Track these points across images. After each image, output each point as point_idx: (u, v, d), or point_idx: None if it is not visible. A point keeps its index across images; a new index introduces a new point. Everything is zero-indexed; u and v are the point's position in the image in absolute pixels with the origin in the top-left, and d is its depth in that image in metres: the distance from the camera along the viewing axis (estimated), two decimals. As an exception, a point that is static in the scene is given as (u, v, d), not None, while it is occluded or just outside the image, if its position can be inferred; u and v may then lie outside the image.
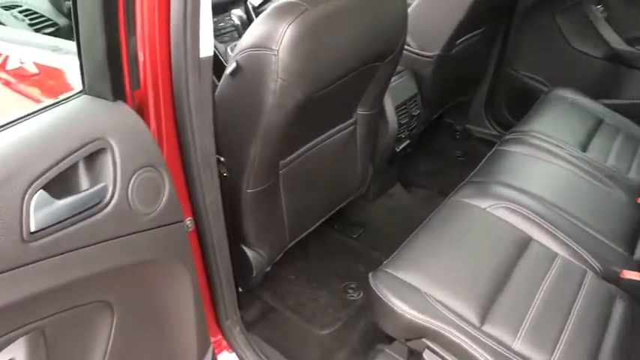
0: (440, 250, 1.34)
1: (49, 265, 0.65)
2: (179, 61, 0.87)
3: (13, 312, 0.62)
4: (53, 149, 0.65)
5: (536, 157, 1.74)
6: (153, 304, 0.85)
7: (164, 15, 0.82)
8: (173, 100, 0.91)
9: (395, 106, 1.83)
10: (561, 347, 1.13)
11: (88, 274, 0.69)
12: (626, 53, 2.18)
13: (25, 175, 0.62)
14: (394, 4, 1.37)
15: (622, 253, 1.41)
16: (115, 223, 0.72)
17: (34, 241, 0.64)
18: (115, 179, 0.71)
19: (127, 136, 0.73)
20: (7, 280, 0.61)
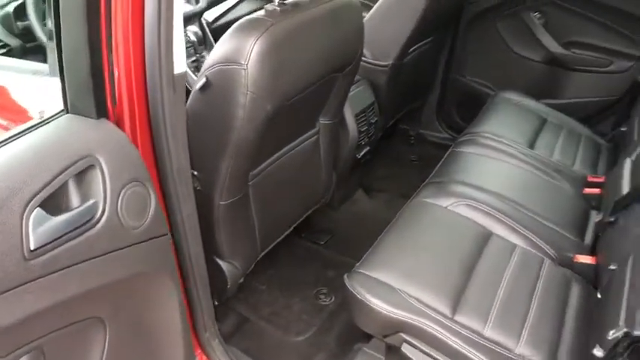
0: (408, 248, 1.40)
1: (49, 282, 0.65)
2: (154, 78, 0.89)
3: (16, 331, 0.62)
4: (46, 168, 0.66)
5: (489, 156, 1.84)
6: (142, 318, 0.86)
7: (138, 32, 0.84)
8: (149, 116, 0.93)
9: (354, 114, 1.90)
10: (527, 330, 1.21)
11: (85, 289, 0.70)
12: (563, 56, 2.34)
13: (22, 194, 0.63)
14: (351, 18, 1.44)
15: (573, 239, 1.52)
16: (107, 238, 0.73)
17: (35, 259, 0.65)
18: (105, 195, 0.73)
19: (113, 153, 0.75)
20: (11, 298, 0.61)
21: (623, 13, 2.22)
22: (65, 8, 0.71)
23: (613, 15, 2.24)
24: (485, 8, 2.44)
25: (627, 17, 2.21)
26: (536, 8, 2.36)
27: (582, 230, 1.58)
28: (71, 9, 0.72)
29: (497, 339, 1.18)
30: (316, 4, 1.30)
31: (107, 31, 0.74)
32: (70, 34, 0.73)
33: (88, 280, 0.71)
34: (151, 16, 0.83)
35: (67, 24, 0.72)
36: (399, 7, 1.92)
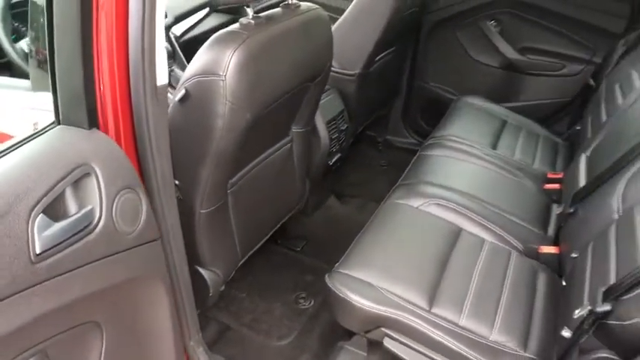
0: (384, 247, 1.46)
1: (54, 284, 0.68)
2: (138, 89, 0.92)
3: (24, 334, 0.64)
4: (46, 176, 0.69)
5: (455, 157, 1.93)
6: (136, 323, 0.89)
7: (122, 45, 0.87)
8: (133, 127, 0.96)
9: (325, 122, 1.96)
10: (500, 318, 1.28)
11: (85, 293, 0.73)
12: (519, 62, 2.48)
13: (26, 201, 0.66)
14: (321, 31, 1.51)
15: (537, 232, 1.61)
16: (104, 243, 0.76)
17: (41, 262, 0.67)
18: (101, 202, 0.76)
19: (106, 161, 0.78)
20: (20, 301, 0.63)
21: (574, 21, 2.36)
22: (59, 24, 0.74)
23: (564, 22, 2.38)
24: (444, 18, 2.55)
25: (577, 24, 2.36)
26: (493, 17, 2.49)
27: (545, 223, 1.67)
28: (66, 24, 0.75)
29: (473, 327, 1.25)
30: (288, 17, 1.36)
31: (98, 44, 0.78)
32: (64, 49, 0.76)
33: (89, 284, 0.74)
34: (134, 29, 0.87)
35: (61, 39, 0.75)
36: (363, 19, 2.00)
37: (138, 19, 0.87)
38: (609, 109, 1.80)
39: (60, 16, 0.74)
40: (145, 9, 0.86)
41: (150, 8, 0.87)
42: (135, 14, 0.86)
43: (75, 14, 0.74)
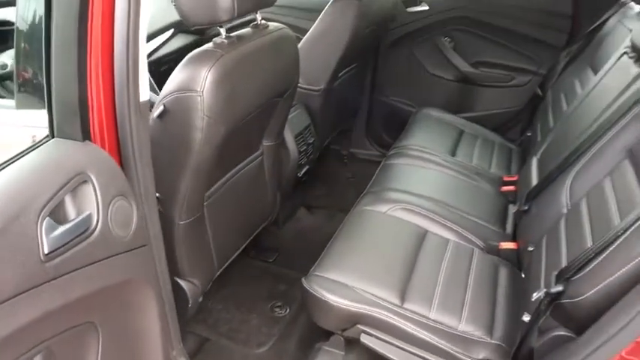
0: (356, 251, 1.54)
1: (60, 283, 0.72)
2: (122, 104, 0.97)
3: (34, 329, 0.68)
4: (49, 184, 0.74)
5: (417, 165, 2.04)
6: (128, 325, 0.93)
7: (108, 63, 0.93)
8: (117, 140, 1.01)
9: (293, 135, 2.04)
10: (466, 310, 1.37)
11: (86, 292, 0.77)
12: (472, 74, 2.64)
13: (35, 205, 0.70)
14: (288, 48, 1.60)
15: (497, 230, 1.73)
16: (102, 246, 0.80)
17: (49, 262, 0.72)
18: (98, 207, 0.80)
19: (101, 170, 0.83)
20: (32, 296, 0.68)
21: (521, 35, 2.54)
22: (58, 47, 0.80)
23: (512, 37, 2.56)
24: (401, 36, 2.70)
25: (524, 38, 2.54)
26: (446, 34, 2.65)
27: (503, 222, 1.80)
28: (64, 48, 0.80)
29: (442, 320, 1.34)
30: (258, 36, 1.44)
31: (90, 64, 0.84)
32: (61, 69, 0.81)
33: (89, 284, 0.78)
34: (120, 49, 0.92)
35: (59, 61, 0.80)
36: (326, 38, 2.10)
37: (123, 41, 0.92)
38: (556, 116, 1.96)
39: (59, 39, 0.80)
40: (129, 31, 0.92)
41: (134, 30, 0.93)
42: (120, 36, 0.92)
43: (73, 38, 0.80)
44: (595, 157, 1.40)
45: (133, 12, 0.92)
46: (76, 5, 0.79)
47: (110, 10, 0.87)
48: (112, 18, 0.89)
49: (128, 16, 0.91)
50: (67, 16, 0.80)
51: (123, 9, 0.90)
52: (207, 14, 1.23)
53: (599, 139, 1.40)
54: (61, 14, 0.80)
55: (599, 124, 1.45)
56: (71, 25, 0.80)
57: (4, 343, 0.64)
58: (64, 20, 0.80)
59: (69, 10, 0.80)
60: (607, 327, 0.89)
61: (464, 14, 2.63)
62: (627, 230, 0.98)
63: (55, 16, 0.80)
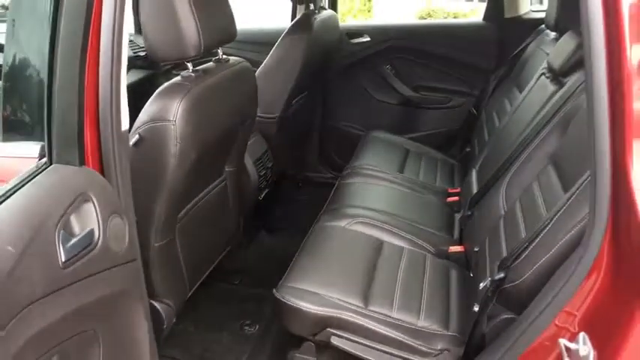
0: (321, 262, 1.66)
1: (75, 289, 0.80)
2: (106, 133, 1.06)
3: (54, 329, 0.76)
4: (60, 201, 0.82)
5: (370, 183, 2.20)
6: (123, 336, 1.00)
7: (94, 95, 1.02)
8: (101, 166, 1.10)
9: (253, 161, 2.17)
10: (424, 308, 1.52)
11: (91, 299, 0.85)
12: (414, 98, 2.87)
13: (52, 219, 0.79)
14: (248, 80, 1.74)
15: (445, 236, 1.90)
16: (102, 258, 0.89)
17: (66, 269, 0.80)
18: (99, 224, 0.89)
19: (98, 191, 0.92)
20: (54, 299, 0.75)
21: (454, 61, 2.81)
22: (62, 83, 0.89)
23: (447, 63, 2.82)
24: (347, 65, 2.90)
25: (457, 64, 2.81)
26: (388, 62, 2.88)
27: (450, 228, 1.98)
28: (67, 83, 0.90)
29: (403, 317, 1.47)
30: (221, 70, 1.57)
31: (87, 94, 0.94)
32: (64, 99, 0.90)
33: (94, 291, 0.86)
34: (105, 79, 1.02)
35: (62, 95, 0.90)
36: (280, 68, 2.26)
37: (107, 75, 1.02)
38: (489, 131, 2.18)
39: (63, 74, 0.90)
40: (113, 67, 1.03)
41: (117, 66, 1.04)
42: (105, 72, 1.02)
43: (75, 74, 0.90)
44: (524, 164, 1.60)
45: (117, 50, 1.03)
46: (78, 44, 0.90)
47: (97, 47, 0.98)
48: (98, 55, 1.00)
49: (112, 54, 1.02)
50: (72, 52, 0.90)
51: (107, 49, 1.01)
52: (176, 50, 1.35)
53: (526, 148, 1.61)
54: (65, 49, 0.90)
55: (525, 136, 1.66)
56: (75, 62, 0.90)
57: (35, 339, 0.71)
58: (69, 56, 0.91)
59: (73, 47, 0.90)
60: (540, 302, 1.05)
61: (402, 44, 2.88)
62: (552, 220, 1.16)
63: (60, 52, 0.90)
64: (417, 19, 7.74)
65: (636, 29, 0.84)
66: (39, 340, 0.72)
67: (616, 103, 0.87)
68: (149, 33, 1.32)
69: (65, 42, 0.91)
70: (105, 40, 1.00)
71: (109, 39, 1.00)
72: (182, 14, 1.31)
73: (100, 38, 0.99)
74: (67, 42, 0.92)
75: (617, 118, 0.87)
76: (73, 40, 0.92)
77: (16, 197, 0.79)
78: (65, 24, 0.91)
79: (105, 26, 0.98)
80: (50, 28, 0.89)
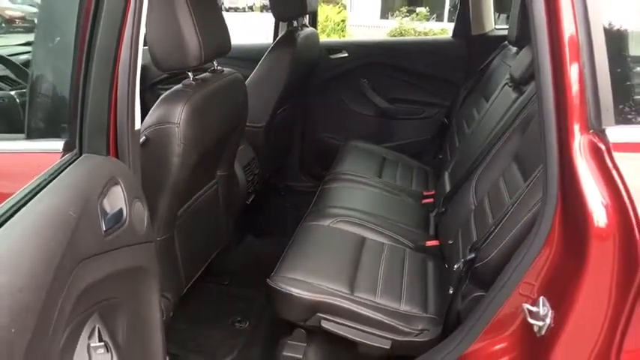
0: (309, 256, 1.80)
1: (111, 255, 0.93)
2: (122, 131, 1.19)
3: (98, 286, 0.88)
4: (97, 182, 0.95)
5: (351, 187, 2.36)
6: (140, 310, 1.12)
7: (115, 94, 1.16)
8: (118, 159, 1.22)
9: (242, 167, 2.31)
10: (404, 294, 1.67)
11: (121, 268, 0.98)
12: (389, 110, 3.06)
13: (94, 195, 0.91)
14: (240, 89, 1.89)
15: (422, 232, 2.07)
16: (129, 235, 1.01)
17: (106, 237, 0.93)
18: (126, 204, 1.02)
19: (124, 176, 1.05)
20: (99, 260, 0.88)
21: (426, 75, 3.01)
22: (97, 77, 1.03)
23: (419, 77, 3.02)
24: (327, 79, 3.09)
25: (429, 77, 3.02)
26: (365, 76, 3.07)
27: (426, 226, 2.15)
28: (100, 83, 1.04)
29: (386, 303, 1.62)
30: (216, 79, 1.72)
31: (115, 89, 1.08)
32: (98, 94, 1.04)
33: (123, 261, 0.99)
34: (122, 82, 1.15)
35: (95, 92, 1.04)
36: (266, 81, 2.43)
37: (125, 72, 1.15)
38: (460, 138, 2.37)
39: (96, 80, 1.04)
40: (131, 63, 1.16)
41: (134, 64, 1.17)
42: (124, 68, 1.15)
43: (108, 75, 1.04)
44: (490, 163, 1.79)
45: (133, 62, 1.17)
46: (111, 55, 1.05)
47: (120, 45, 1.12)
48: (119, 53, 1.13)
49: (129, 64, 1.16)
50: (106, 61, 1.05)
51: (126, 59, 1.15)
52: (179, 60, 1.50)
53: (491, 149, 1.80)
54: (100, 58, 1.05)
55: (490, 139, 1.85)
56: (108, 69, 1.05)
57: (88, 289, 0.83)
58: (103, 64, 1.05)
59: (107, 57, 1.05)
60: (504, 275, 1.21)
61: (378, 60, 3.07)
62: (513, 205, 1.33)
63: (96, 60, 1.04)
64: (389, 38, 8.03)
65: (574, 49, 1.03)
66: (88, 293, 0.84)
67: (560, 106, 1.05)
68: (155, 45, 1.46)
69: (101, 52, 1.06)
70: (124, 52, 1.14)
71: (127, 51, 1.14)
72: (185, 28, 1.46)
73: (121, 52, 1.13)
74: (102, 52, 1.06)
75: (562, 116, 1.05)
76: (108, 51, 1.06)
77: (64, 176, 0.92)
78: (102, 37, 1.05)
79: (125, 40, 1.12)
80: (87, 40, 1.03)
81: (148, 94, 2.83)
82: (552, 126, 1.06)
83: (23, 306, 0.67)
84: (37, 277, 0.71)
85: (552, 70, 1.05)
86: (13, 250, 0.73)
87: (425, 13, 13.45)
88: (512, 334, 1.20)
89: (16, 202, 0.80)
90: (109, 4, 1.04)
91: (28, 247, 0.74)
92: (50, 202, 0.84)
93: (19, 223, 0.77)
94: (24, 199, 0.81)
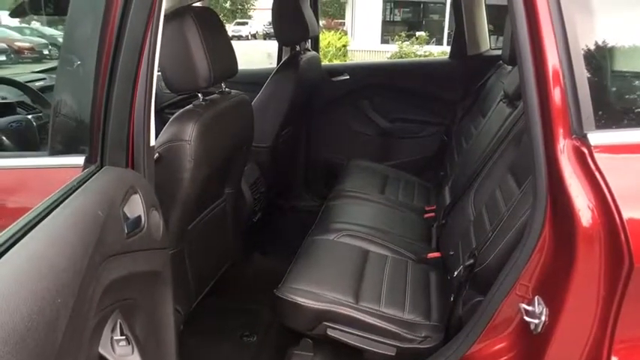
0: (314, 268, 1.86)
1: (132, 256, 1.00)
2: (139, 147, 1.28)
3: (120, 285, 0.95)
4: (119, 190, 1.03)
5: (354, 203, 2.43)
6: (155, 315, 1.19)
7: (134, 113, 1.24)
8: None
9: (248, 185, 2.39)
10: (408, 303, 1.72)
11: (140, 270, 1.04)
12: (391, 129, 3.15)
13: (118, 200, 0.99)
14: (247, 109, 1.99)
15: (424, 245, 2.13)
16: (147, 240, 1.08)
17: (128, 239, 1.00)
18: (144, 212, 1.09)
19: (142, 187, 1.13)
20: (121, 259, 0.95)
21: (425, 95, 3.11)
22: (119, 95, 1.12)
23: (419, 97, 3.12)
24: (330, 101, 3.19)
25: (428, 97, 3.11)
26: (366, 97, 3.17)
27: (428, 238, 2.21)
28: (123, 95, 1.13)
29: (390, 311, 1.68)
30: (224, 100, 1.82)
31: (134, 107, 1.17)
32: (117, 112, 1.13)
33: (141, 264, 1.06)
34: (140, 101, 1.25)
35: (117, 108, 1.13)
36: (271, 103, 2.53)
37: (143, 90, 1.25)
38: (459, 153, 2.45)
39: (118, 98, 1.14)
40: (147, 83, 1.25)
41: (150, 83, 1.26)
42: (142, 89, 1.24)
43: (128, 98, 1.14)
44: (487, 175, 1.86)
45: (149, 82, 1.26)
46: (132, 74, 1.14)
47: (139, 68, 1.21)
48: (138, 75, 1.22)
49: (146, 84, 1.25)
50: (127, 81, 1.14)
51: (144, 80, 1.24)
52: (190, 82, 1.59)
53: (488, 162, 1.87)
54: (123, 76, 1.14)
55: (487, 152, 1.93)
56: (129, 88, 1.14)
57: (112, 285, 0.90)
58: (125, 83, 1.14)
59: (129, 76, 1.14)
60: (501, 277, 1.27)
61: (378, 81, 3.18)
62: (508, 211, 1.40)
63: (119, 79, 1.14)
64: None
65: (555, 65, 1.11)
66: (112, 289, 0.91)
67: (545, 115, 1.13)
68: (167, 68, 1.56)
69: (122, 74, 1.16)
70: (142, 74, 1.23)
71: (144, 73, 1.23)
72: (196, 52, 1.56)
73: (139, 74, 1.22)
74: (124, 74, 1.16)
75: (547, 124, 1.13)
76: (129, 73, 1.16)
77: (89, 184, 1.00)
78: (123, 59, 1.15)
79: (143, 62, 1.21)
80: (110, 63, 1.13)
81: (156, 118, 2.93)
82: (539, 134, 1.14)
83: (65, 283, 0.75)
84: (75, 263, 0.78)
85: (536, 84, 1.14)
86: (53, 238, 0.81)
87: (425, 37, 13.71)
88: (511, 334, 1.25)
89: (46, 207, 0.87)
90: (131, 29, 1.13)
91: (67, 236, 0.82)
92: (80, 202, 0.92)
93: (54, 219, 0.84)
94: (53, 205, 0.89)
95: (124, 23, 1.13)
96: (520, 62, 1.16)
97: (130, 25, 1.14)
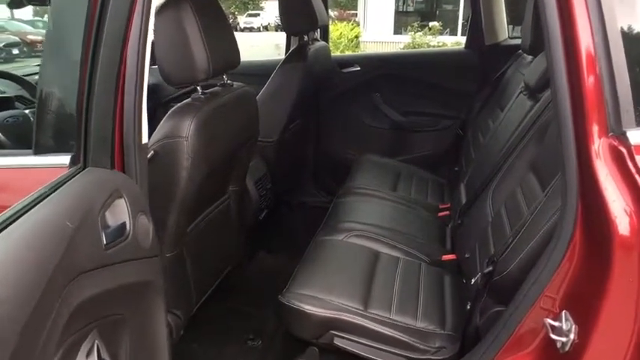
0: (322, 271, 1.76)
1: (113, 269, 0.90)
2: (129, 145, 1.18)
3: (97, 302, 0.86)
4: (99, 195, 0.94)
5: (365, 200, 2.32)
6: (145, 329, 1.09)
7: (121, 109, 1.14)
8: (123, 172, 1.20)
9: (254, 182, 2.28)
10: (420, 310, 1.62)
11: (124, 283, 0.95)
12: (403, 123, 3.02)
13: (95, 208, 0.90)
14: (250, 102, 1.88)
15: (438, 246, 2.02)
16: (133, 249, 0.99)
17: (107, 250, 0.91)
18: (129, 218, 1.00)
19: (128, 190, 1.03)
20: (100, 273, 0.86)
21: (440, 87, 2.98)
22: (100, 90, 1.02)
23: (433, 88, 2.99)
24: (339, 93, 3.07)
25: (443, 89, 2.98)
26: (377, 89, 3.05)
27: (443, 239, 2.09)
28: (105, 91, 1.03)
29: (401, 319, 1.57)
30: (226, 93, 1.71)
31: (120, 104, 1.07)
32: (102, 107, 1.03)
33: (126, 276, 0.96)
34: (130, 91, 1.14)
35: (100, 100, 1.03)
36: (278, 95, 2.42)
37: (132, 83, 1.14)
38: (475, 149, 2.32)
39: (99, 94, 1.03)
40: (137, 77, 1.15)
41: (140, 77, 1.16)
42: (130, 81, 1.14)
43: (112, 86, 1.03)
44: (507, 173, 1.74)
45: (140, 78, 1.15)
46: (114, 71, 1.04)
47: (124, 59, 1.10)
48: (124, 67, 1.12)
49: (136, 79, 1.15)
50: (110, 76, 1.04)
51: (132, 74, 1.14)
52: (187, 74, 1.49)
53: (508, 159, 1.75)
54: (104, 72, 1.04)
55: (507, 148, 1.80)
56: (112, 83, 1.04)
57: (84, 306, 0.80)
58: (108, 78, 1.04)
59: (111, 72, 1.04)
60: (524, 288, 1.16)
61: (390, 72, 3.05)
62: (532, 215, 1.28)
63: (99, 75, 1.03)
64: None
65: (590, 52, 0.99)
66: (86, 309, 0.81)
67: (577, 110, 1.01)
68: (163, 59, 1.46)
69: (103, 66, 1.05)
70: (130, 66, 1.13)
71: (133, 65, 1.13)
72: (193, 43, 1.45)
73: (127, 65, 1.12)
74: (105, 66, 1.05)
75: (579, 120, 1.01)
76: (111, 65, 1.06)
77: (65, 188, 0.90)
78: (104, 50, 1.04)
79: (131, 53, 1.11)
80: (91, 53, 1.03)
81: (161, 111, 2.84)
82: (570, 131, 1.02)
83: (4, 316, 0.65)
84: (24, 289, 0.68)
85: (567, 73, 1.01)
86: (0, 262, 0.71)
87: (438, 27, 13.48)
88: (534, 351, 1.14)
89: (13, 213, 0.78)
90: (112, 16, 1.03)
91: (16, 257, 0.73)
92: (46, 211, 0.82)
93: (11, 233, 0.75)
94: (22, 211, 0.79)
95: (104, 7, 1.02)
96: (548, 47, 1.03)
97: (111, 10, 1.03)
